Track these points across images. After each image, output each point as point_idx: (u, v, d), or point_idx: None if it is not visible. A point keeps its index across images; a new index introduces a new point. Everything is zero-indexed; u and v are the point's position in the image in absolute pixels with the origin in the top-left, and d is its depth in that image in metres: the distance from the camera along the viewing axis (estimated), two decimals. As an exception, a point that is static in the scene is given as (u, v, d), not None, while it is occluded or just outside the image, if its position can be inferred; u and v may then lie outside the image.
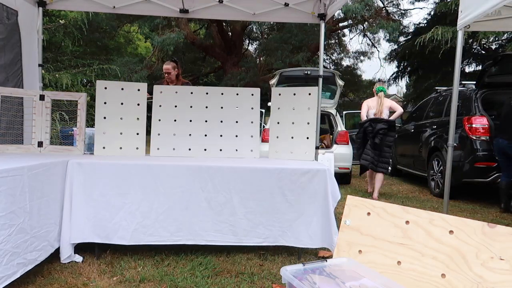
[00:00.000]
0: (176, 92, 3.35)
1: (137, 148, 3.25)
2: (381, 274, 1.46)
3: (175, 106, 3.32)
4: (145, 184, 2.71)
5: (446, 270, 1.39)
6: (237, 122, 3.36)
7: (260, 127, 5.23)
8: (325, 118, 8.00)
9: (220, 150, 3.34)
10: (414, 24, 14.93)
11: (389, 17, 14.23)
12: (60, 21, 10.96)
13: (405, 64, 14.94)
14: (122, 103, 3.22)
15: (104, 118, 3.20)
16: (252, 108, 3.39)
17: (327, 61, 17.66)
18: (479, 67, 12.36)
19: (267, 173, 2.76)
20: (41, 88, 4.09)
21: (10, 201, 2.03)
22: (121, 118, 3.22)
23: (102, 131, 3.19)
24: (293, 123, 3.31)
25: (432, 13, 13.21)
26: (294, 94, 3.32)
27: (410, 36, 13.80)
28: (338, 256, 1.65)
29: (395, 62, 15.17)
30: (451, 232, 1.42)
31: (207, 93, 3.38)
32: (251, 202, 2.76)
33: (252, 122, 3.38)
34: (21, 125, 3.54)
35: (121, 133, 3.22)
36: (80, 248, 2.75)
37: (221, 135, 3.35)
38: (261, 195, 2.76)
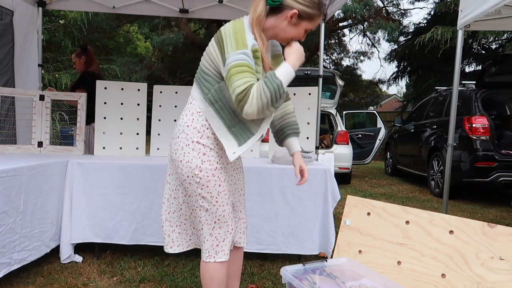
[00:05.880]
0: (176, 92, 3.35)
1: (137, 148, 3.25)
2: (381, 274, 1.46)
3: (175, 106, 3.32)
4: (145, 184, 2.71)
5: (446, 270, 1.39)
6: (237, 122, 3.35)
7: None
8: (325, 118, 8.00)
9: (220, 150, 3.34)
10: (414, 24, 14.86)
11: (389, 17, 14.20)
12: (60, 21, 10.96)
13: (405, 64, 14.89)
14: (122, 103, 3.22)
15: (104, 118, 3.20)
16: (252, 108, 3.37)
17: (327, 61, 17.61)
18: (479, 67, 12.34)
19: (267, 173, 2.75)
20: (41, 88, 4.09)
21: (4, 201, 2.02)
22: (121, 118, 3.22)
23: (102, 131, 3.19)
24: (293, 123, 3.30)
25: (432, 13, 13.18)
26: (294, 94, 3.32)
27: (410, 36, 13.75)
28: (338, 256, 1.65)
29: (395, 62, 15.12)
30: (451, 232, 1.42)
31: (207, 93, 3.38)
32: (251, 204, 2.73)
33: (252, 122, 3.37)
34: (13, 125, 3.53)
35: (121, 133, 3.22)
36: (80, 248, 2.75)
37: (221, 135, 3.34)
38: (261, 197, 2.73)
